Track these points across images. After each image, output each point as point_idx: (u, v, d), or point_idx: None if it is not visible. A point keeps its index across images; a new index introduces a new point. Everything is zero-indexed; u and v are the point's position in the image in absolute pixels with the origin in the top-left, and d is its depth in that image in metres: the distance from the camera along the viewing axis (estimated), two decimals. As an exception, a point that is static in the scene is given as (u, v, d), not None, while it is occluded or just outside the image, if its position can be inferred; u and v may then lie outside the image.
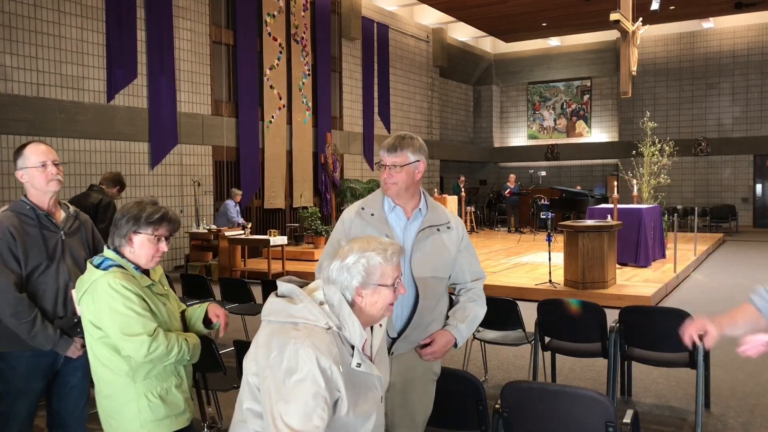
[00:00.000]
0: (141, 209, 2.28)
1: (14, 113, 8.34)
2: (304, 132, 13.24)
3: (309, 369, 1.65)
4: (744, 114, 17.93)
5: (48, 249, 2.64)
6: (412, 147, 2.49)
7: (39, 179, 2.65)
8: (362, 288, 1.79)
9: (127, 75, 9.76)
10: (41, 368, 2.63)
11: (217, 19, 11.54)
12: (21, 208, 2.67)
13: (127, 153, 9.80)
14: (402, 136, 2.53)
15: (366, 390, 1.80)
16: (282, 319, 1.77)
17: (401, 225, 2.55)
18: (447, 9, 15.31)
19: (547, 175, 20.88)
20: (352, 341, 1.77)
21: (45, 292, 2.61)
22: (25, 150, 2.68)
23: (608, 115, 20.22)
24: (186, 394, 2.34)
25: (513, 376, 5.07)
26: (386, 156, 2.49)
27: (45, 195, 2.69)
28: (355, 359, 1.77)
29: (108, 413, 2.24)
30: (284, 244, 10.10)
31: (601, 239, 7.70)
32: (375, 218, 2.53)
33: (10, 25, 8.34)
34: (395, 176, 2.48)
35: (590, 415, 2.36)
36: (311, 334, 1.70)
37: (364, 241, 1.84)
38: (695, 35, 18.32)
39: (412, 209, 2.57)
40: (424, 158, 2.54)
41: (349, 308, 1.78)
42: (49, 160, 2.67)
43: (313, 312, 1.75)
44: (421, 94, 17.79)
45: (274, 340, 1.72)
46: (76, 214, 2.83)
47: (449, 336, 2.47)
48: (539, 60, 20.77)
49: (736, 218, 17.40)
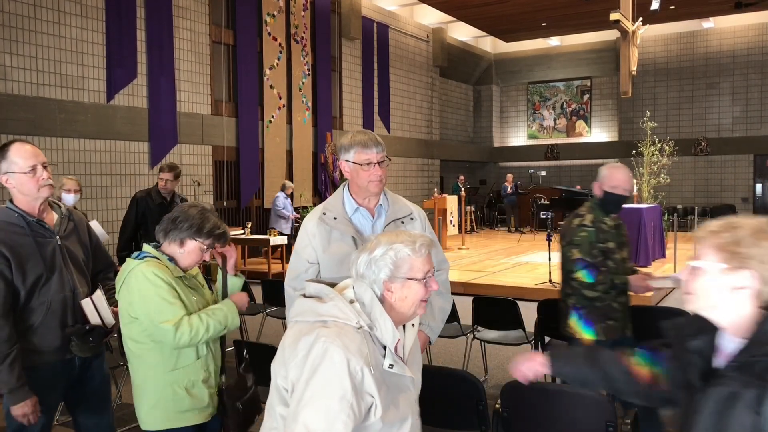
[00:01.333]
0: (204, 219, 2.33)
1: (14, 113, 8.34)
2: (304, 132, 13.24)
3: (336, 370, 1.56)
4: (744, 114, 17.93)
5: (45, 259, 2.42)
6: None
7: (29, 185, 2.40)
8: (390, 282, 1.70)
9: (127, 75, 9.76)
10: (56, 382, 2.50)
11: (217, 19, 11.53)
12: (8, 216, 2.41)
13: (126, 153, 9.79)
14: (368, 131, 2.55)
15: (399, 392, 1.72)
16: (310, 319, 1.69)
17: (368, 225, 2.53)
18: (447, 9, 15.30)
19: (547, 174, 20.88)
20: (383, 341, 1.68)
21: (51, 304, 2.43)
22: (10, 152, 2.39)
23: (608, 115, 20.22)
24: (212, 389, 2.37)
25: (513, 376, 5.06)
26: (376, 153, 2.46)
27: (35, 200, 2.45)
28: (387, 360, 1.68)
29: (138, 402, 2.34)
30: (284, 244, 10.11)
31: (601, 239, 7.69)
32: (338, 222, 2.50)
33: (10, 25, 8.34)
34: (385, 171, 2.48)
35: (590, 415, 2.36)
36: (341, 334, 1.62)
37: (392, 233, 1.77)
38: (695, 35, 18.31)
39: (375, 206, 2.55)
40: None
41: (381, 306, 1.69)
42: (38, 163, 2.41)
43: (343, 310, 1.67)
44: (421, 93, 17.79)
45: (302, 339, 1.64)
46: (69, 214, 2.63)
47: (423, 336, 2.49)
48: (539, 60, 20.76)
49: (736, 218, 17.38)
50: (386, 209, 2.55)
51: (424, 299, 1.74)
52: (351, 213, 2.53)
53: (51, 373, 2.46)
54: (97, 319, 2.53)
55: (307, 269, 2.55)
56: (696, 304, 1.48)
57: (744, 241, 1.40)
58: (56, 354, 2.47)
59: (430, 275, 1.74)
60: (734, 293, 1.41)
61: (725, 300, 1.42)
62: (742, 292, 1.41)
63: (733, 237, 1.41)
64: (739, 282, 1.41)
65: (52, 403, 2.51)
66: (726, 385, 1.39)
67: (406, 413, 1.72)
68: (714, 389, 1.42)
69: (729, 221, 1.46)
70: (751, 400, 1.34)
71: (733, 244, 1.41)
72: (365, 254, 1.73)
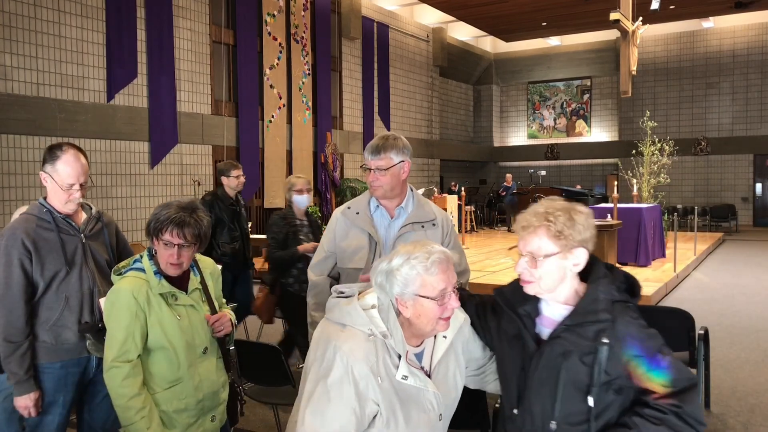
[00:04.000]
0: (152, 217, 2.21)
1: (14, 113, 8.34)
2: (304, 131, 13.24)
3: (340, 375, 1.59)
4: (744, 113, 17.93)
5: (66, 254, 2.47)
6: (395, 148, 2.48)
7: (59, 197, 2.48)
8: (401, 297, 1.66)
9: (127, 74, 9.75)
10: (71, 380, 2.50)
11: (217, 19, 11.53)
12: (38, 211, 2.50)
13: (127, 152, 9.79)
14: (386, 137, 2.52)
15: (414, 406, 1.67)
16: (335, 318, 1.72)
17: (385, 224, 2.57)
18: (447, 9, 15.30)
19: (547, 174, 20.88)
20: (399, 350, 1.66)
21: (69, 300, 2.46)
22: (59, 161, 2.46)
23: (608, 115, 20.22)
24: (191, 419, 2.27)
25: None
26: (370, 159, 2.49)
27: (60, 205, 2.53)
28: (401, 371, 1.64)
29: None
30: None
31: (601, 238, 7.70)
32: (359, 217, 2.56)
33: (10, 24, 8.34)
34: (380, 179, 2.49)
35: (590, 415, 2.36)
36: (350, 339, 1.63)
37: (415, 244, 1.72)
38: (695, 35, 18.31)
39: (395, 207, 2.58)
40: (409, 157, 2.55)
41: (395, 316, 1.67)
42: (78, 183, 2.48)
43: (357, 316, 1.66)
44: (421, 93, 17.79)
45: (321, 339, 1.69)
46: (99, 215, 2.66)
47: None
48: (539, 59, 20.75)
49: (735, 218, 17.40)
50: (408, 212, 2.57)
51: (442, 317, 1.68)
52: (373, 210, 2.59)
53: (65, 371, 2.47)
54: None
55: (325, 258, 2.66)
56: (539, 287, 1.69)
57: (567, 225, 1.64)
58: (71, 352, 2.48)
59: (449, 292, 1.68)
60: (572, 270, 1.68)
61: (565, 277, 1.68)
62: (576, 268, 1.68)
63: (559, 224, 1.64)
64: (576, 259, 1.67)
65: (66, 401, 2.50)
66: (559, 345, 1.66)
67: (419, 428, 1.67)
68: (548, 347, 1.67)
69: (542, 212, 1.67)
70: (581, 355, 1.62)
71: (562, 230, 1.64)
72: (385, 263, 1.69)
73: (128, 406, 2.08)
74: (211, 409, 2.31)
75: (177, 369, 2.19)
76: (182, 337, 2.20)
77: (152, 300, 2.16)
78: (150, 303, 2.16)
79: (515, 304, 1.78)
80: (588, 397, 1.60)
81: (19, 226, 2.44)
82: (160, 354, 2.18)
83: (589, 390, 1.60)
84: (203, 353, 2.28)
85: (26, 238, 2.40)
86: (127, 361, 2.12)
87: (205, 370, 2.27)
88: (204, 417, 2.28)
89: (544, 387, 1.66)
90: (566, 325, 1.66)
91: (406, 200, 2.60)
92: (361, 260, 2.53)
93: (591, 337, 1.62)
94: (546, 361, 1.67)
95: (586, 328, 1.63)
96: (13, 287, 2.38)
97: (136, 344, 2.13)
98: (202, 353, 2.27)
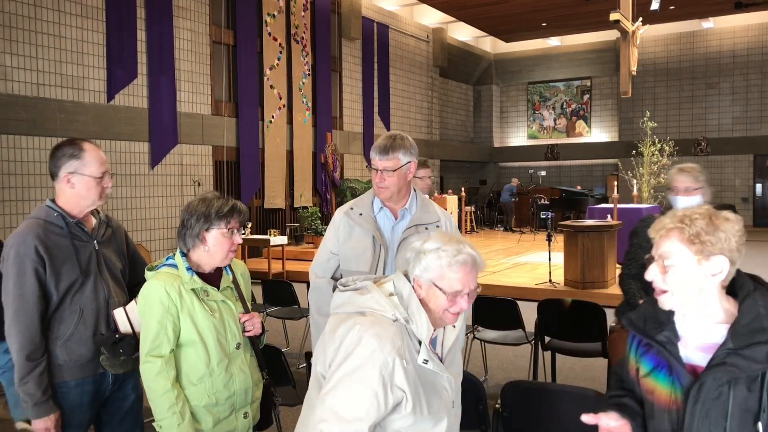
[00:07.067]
0: (209, 205, 2.21)
1: (14, 113, 8.34)
2: (304, 132, 13.24)
3: (366, 358, 1.59)
4: (744, 114, 17.93)
5: (81, 263, 2.28)
6: (403, 148, 2.47)
7: (95, 191, 2.30)
8: (419, 278, 1.71)
9: (127, 75, 9.76)
10: (86, 399, 2.32)
11: (217, 19, 11.54)
12: (48, 215, 2.27)
13: (127, 153, 9.80)
14: (393, 136, 2.50)
15: (434, 390, 1.71)
16: (350, 309, 1.73)
17: (389, 226, 2.55)
18: (447, 9, 15.31)
19: (547, 174, 20.88)
20: (419, 335, 1.68)
21: (84, 311, 2.28)
22: (86, 153, 2.28)
23: (608, 115, 20.22)
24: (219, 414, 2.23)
25: (513, 375, 5.07)
26: (378, 160, 2.47)
27: (91, 206, 2.35)
28: (422, 355, 1.67)
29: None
30: (284, 244, 10.11)
31: (601, 239, 7.70)
32: (363, 218, 2.53)
33: (10, 25, 8.34)
34: (387, 180, 2.47)
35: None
36: (376, 323, 1.64)
37: (450, 237, 1.74)
38: (695, 35, 18.32)
39: (399, 209, 2.56)
40: (415, 157, 2.53)
41: (418, 301, 1.69)
42: (108, 170, 2.34)
43: (380, 302, 1.69)
44: (421, 94, 17.79)
45: (340, 326, 1.68)
46: (108, 220, 2.48)
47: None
48: (539, 60, 20.76)
49: (736, 218, 17.39)
50: (412, 213, 2.55)
51: (451, 311, 1.71)
52: (376, 212, 2.56)
53: (80, 390, 2.30)
54: (128, 328, 2.34)
55: (329, 259, 2.62)
56: (673, 300, 1.53)
57: (705, 230, 1.49)
58: (87, 368, 2.31)
59: (464, 294, 1.70)
60: (710, 280, 1.49)
61: (704, 288, 1.50)
62: (717, 278, 1.50)
63: (696, 227, 1.49)
64: (715, 268, 1.49)
65: (83, 420, 2.33)
66: (724, 372, 1.46)
67: (440, 413, 1.70)
68: (710, 376, 1.48)
69: (679, 215, 1.53)
70: (750, 381, 1.45)
71: (699, 233, 1.49)
72: (419, 242, 1.74)
73: (160, 402, 2.09)
74: (243, 406, 2.28)
75: (207, 364, 2.17)
76: (213, 332, 2.19)
77: (184, 295, 2.16)
78: (182, 297, 2.15)
79: (650, 331, 1.60)
80: (758, 424, 1.46)
81: (30, 231, 2.21)
82: (190, 349, 2.17)
83: (758, 416, 1.46)
84: (236, 348, 2.26)
85: (39, 244, 2.19)
86: (160, 356, 2.11)
87: (237, 367, 2.25)
88: (236, 413, 2.26)
89: (708, 420, 1.50)
90: (730, 349, 1.47)
91: (410, 201, 2.57)
92: (365, 263, 2.50)
93: (763, 360, 1.44)
94: (708, 392, 1.49)
95: (755, 349, 1.45)
96: (29, 299, 2.18)
97: (168, 338, 2.12)
98: (235, 348, 2.25)
